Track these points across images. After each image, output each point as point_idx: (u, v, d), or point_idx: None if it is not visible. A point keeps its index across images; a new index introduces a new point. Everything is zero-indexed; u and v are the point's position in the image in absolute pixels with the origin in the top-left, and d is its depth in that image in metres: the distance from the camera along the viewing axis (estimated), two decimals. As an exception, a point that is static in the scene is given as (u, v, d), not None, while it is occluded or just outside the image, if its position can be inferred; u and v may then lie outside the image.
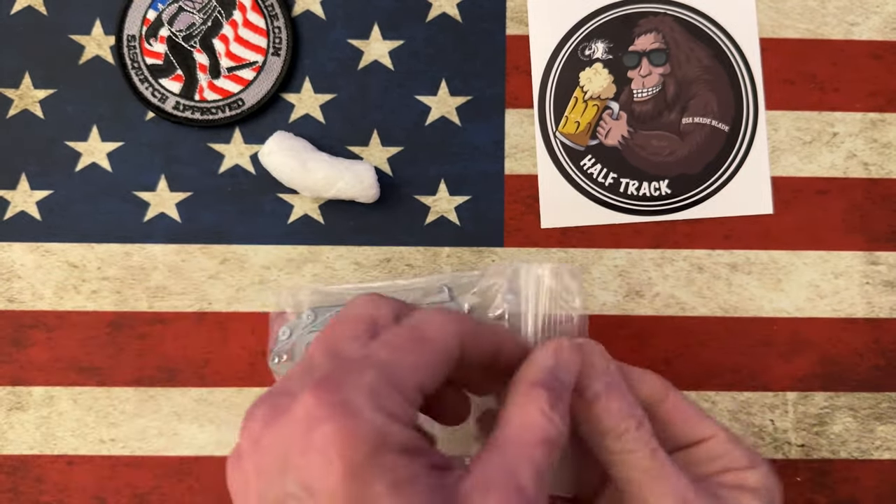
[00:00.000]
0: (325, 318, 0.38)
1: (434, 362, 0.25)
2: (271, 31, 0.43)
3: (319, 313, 0.39)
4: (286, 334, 0.39)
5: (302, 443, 0.22)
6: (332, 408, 0.22)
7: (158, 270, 0.43)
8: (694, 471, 0.29)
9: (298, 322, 0.39)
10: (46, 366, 0.42)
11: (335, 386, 0.23)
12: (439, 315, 0.26)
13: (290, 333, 0.39)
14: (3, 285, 0.43)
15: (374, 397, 0.22)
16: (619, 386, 0.28)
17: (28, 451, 0.42)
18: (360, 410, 0.22)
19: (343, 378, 0.23)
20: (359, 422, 0.22)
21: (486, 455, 0.24)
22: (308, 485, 0.22)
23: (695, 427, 0.30)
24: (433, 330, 0.25)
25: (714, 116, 0.43)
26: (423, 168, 0.43)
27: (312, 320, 0.39)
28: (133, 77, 0.43)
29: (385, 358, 0.24)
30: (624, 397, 0.28)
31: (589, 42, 0.44)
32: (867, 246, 0.43)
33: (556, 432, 0.25)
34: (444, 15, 0.44)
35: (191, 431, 0.42)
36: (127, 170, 0.43)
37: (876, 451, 0.43)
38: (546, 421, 0.25)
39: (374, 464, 0.21)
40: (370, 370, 0.23)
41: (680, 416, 0.30)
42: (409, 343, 0.25)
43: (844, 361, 0.43)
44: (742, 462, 0.29)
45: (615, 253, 0.43)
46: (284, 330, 0.39)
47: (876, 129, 0.44)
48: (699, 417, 0.30)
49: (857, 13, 0.44)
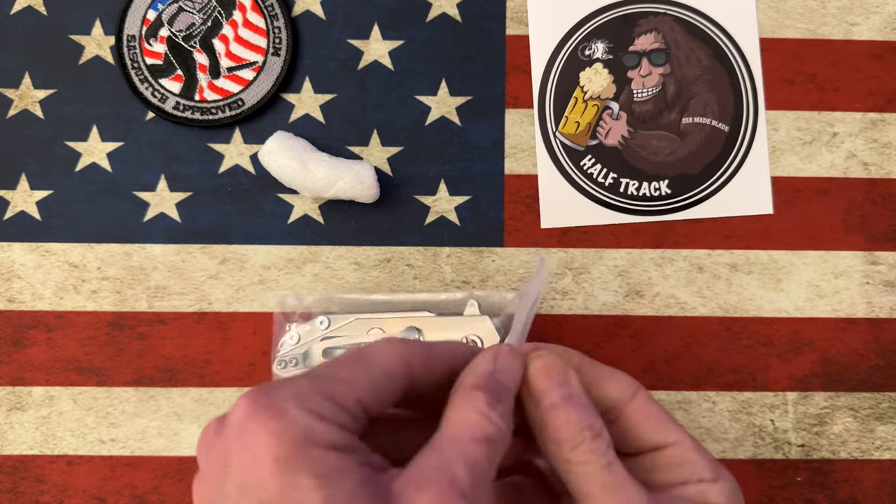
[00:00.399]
0: (339, 325, 0.38)
1: (374, 380, 0.26)
2: (271, 32, 0.43)
3: (334, 320, 0.39)
4: (294, 339, 0.39)
5: (236, 444, 0.23)
6: (260, 409, 0.23)
7: (158, 270, 0.43)
8: (654, 477, 0.29)
9: (310, 327, 0.39)
10: (46, 366, 0.42)
11: (265, 392, 0.24)
12: (384, 342, 0.28)
13: (298, 338, 0.39)
14: (3, 285, 0.43)
15: (300, 400, 0.24)
16: (578, 396, 0.28)
17: (28, 451, 0.42)
18: (285, 410, 0.23)
19: (275, 386, 0.25)
20: (284, 420, 0.23)
21: (423, 454, 0.25)
22: (242, 482, 0.23)
23: (659, 431, 0.29)
24: (374, 353, 0.27)
25: (714, 116, 0.44)
26: (423, 168, 0.43)
27: (327, 326, 0.39)
28: (133, 77, 0.43)
29: (320, 372, 0.26)
30: (581, 408, 0.27)
31: (589, 42, 0.44)
32: (867, 246, 0.43)
33: (493, 430, 0.25)
34: (444, 15, 0.44)
35: (191, 431, 0.42)
36: (127, 170, 0.43)
37: (876, 450, 0.43)
38: (483, 419, 0.25)
39: (301, 457, 0.22)
40: (302, 380, 0.25)
41: (645, 418, 0.29)
42: (347, 361, 0.26)
43: (844, 361, 0.43)
44: (705, 474, 0.28)
45: (615, 253, 0.43)
46: (292, 335, 0.39)
47: (876, 129, 0.44)
48: (665, 422, 0.29)
49: (857, 13, 0.44)
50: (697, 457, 0.29)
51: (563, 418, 0.27)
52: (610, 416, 0.29)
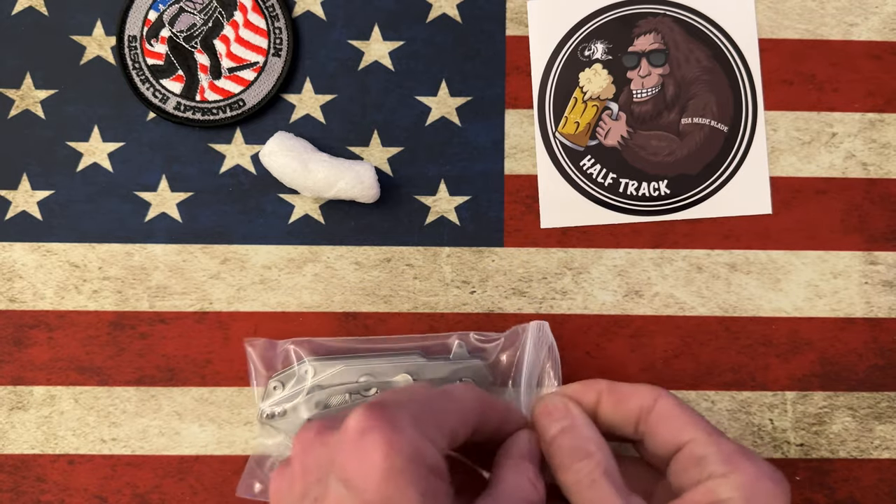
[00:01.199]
0: (327, 373, 0.38)
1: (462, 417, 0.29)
2: (272, 32, 0.43)
3: (319, 369, 0.38)
4: (279, 390, 0.38)
5: (350, 447, 0.25)
6: (380, 421, 0.25)
7: (159, 270, 0.43)
8: (681, 481, 0.29)
9: (297, 375, 0.38)
10: (47, 365, 0.42)
11: (384, 406, 0.26)
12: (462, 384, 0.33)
13: (283, 388, 0.39)
14: (5, 285, 0.43)
15: (415, 420, 0.26)
16: (573, 427, 0.31)
17: (29, 450, 0.42)
18: (403, 427, 0.25)
19: (390, 403, 0.27)
20: (402, 435, 0.25)
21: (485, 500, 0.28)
22: (350, 481, 0.25)
23: (675, 432, 0.30)
24: (460, 393, 0.30)
25: (713, 117, 0.44)
26: (423, 168, 0.43)
27: (313, 375, 0.38)
28: (134, 77, 0.43)
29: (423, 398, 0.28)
30: (575, 435, 0.30)
31: (588, 43, 0.44)
32: (866, 246, 0.43)
33: (537, 497, 0.29)
34: (444, 15, 0.44)
35: (192, 431, 0.42)
36: (128, 170, 0.43)
37: (875, 450, 0.43)
38: (531, 488, 0.29)
39: (411, 472, 0.24)
40: (413, 403, 0.27)
41: (663, 423, 0.30)
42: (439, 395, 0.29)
43: (843, 361, 0.43)
44: (716, 468, 0.28)
45: (615, 253, 0.43)
46: (275, 384, 0.39)
47: (875, 130, 0.44)
48: (681, 421, 0.30)
49: (856, 14, 0.44)
50: (710, 451, 0.28)
51: (556, 445, 0.30)
52: (640, 428, 0.31)
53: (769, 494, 0.27)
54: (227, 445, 0.42)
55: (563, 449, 0.30)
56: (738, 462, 0.28)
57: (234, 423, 0.42)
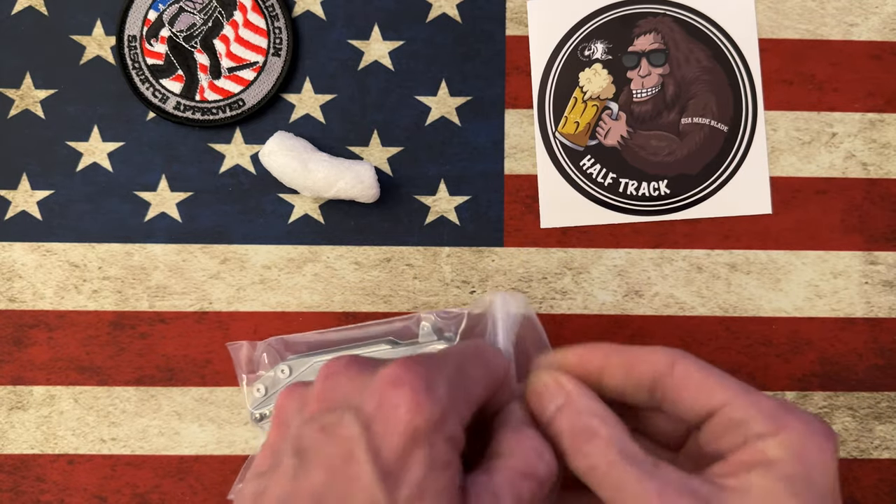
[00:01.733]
0: (301, 371, 0.38)
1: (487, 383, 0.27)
2: (272, 32, 0.43)
3: (295, 367, 0.38)
4: (262, 392, 0.39)
5: (379, 393, 0.24)
6: (416, 378, 0.24)
7: (159, 270, 0.43)
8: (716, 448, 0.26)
9: (274, 377, 0.39)
10: (47, 365, 0.42)
11: (423, 365, 0.25)
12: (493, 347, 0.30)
13: (265, 391, 0.39)
14: (4, 285, 0.43)
15: (448, 385, 0.25)
16: (570, 404, 0.27)
17: (29, 450, 0.42)
18: (436, 390, 0.24)
19: (431, 364, 0.25)
20: (433, 396, 0.24)
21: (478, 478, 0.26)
22: (367, 424, 0.24)
23: (704, 396, 0.26)
24: (491, 355, 0.28)
25: (713, 117, 0.44)
26: (423, 168, 0.43)
27: (288, 375, 0.38)
28: (134, 77, 0.43)
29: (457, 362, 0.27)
30: (573, 413, 0.27)
31: (588, 42, 0.44)
32: (866, 246, 0.43)
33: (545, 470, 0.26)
34: (444, 15, 0.44)
35: (191, 431, 0.42)
36: (128, 170, 0.43)
37: (875, 450, 0.43)
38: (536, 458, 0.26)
39: (430, 437, 0.23)
40: (450, 367, 0.26)
41: (685, 388, 0.27)
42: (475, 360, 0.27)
43: (843, 361, 0.43)
44: (761, 427, 0.25)
45: (614, 253, 0.43)
46: (259, 387, 0.39)
47: (875, 130, 0.44)
48: (709, 384, 0.26)
49: (856, 14, 0.44)
50: (751, 412, 0.25)
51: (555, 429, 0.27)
52: (656, 395, 0.28)
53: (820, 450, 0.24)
54: (227, 445, 0.42)
55: (565, 432, 0.26)
56: (784, 419, 0.25)
57: (234, 423, 0.42)
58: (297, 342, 0.40)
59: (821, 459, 0.24)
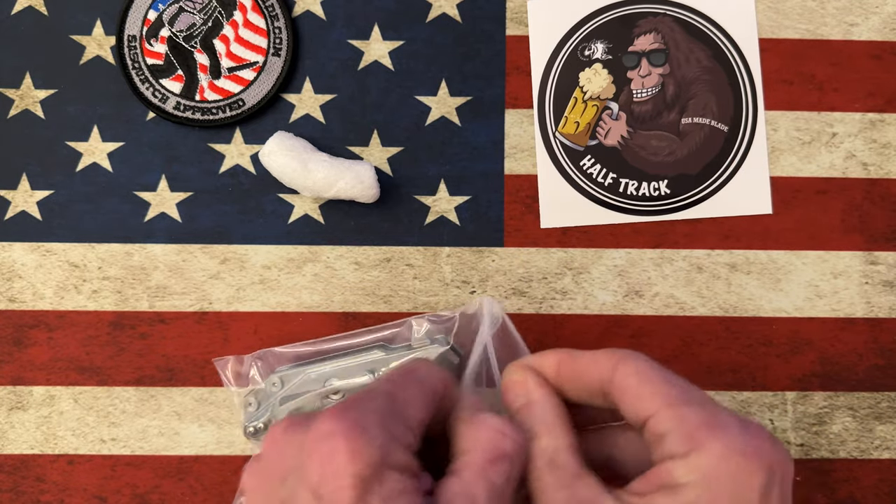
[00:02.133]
0: (293, 382, 0.38)
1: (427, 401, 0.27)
2: (272, 32, 0.43)
3: (286, 379, 0.38)
4: (254, 406, 0.39)
5: (317, 453, 0.24)
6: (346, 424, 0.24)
7: (159, 270, 0.43)
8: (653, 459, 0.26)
9: (264, 391, 0.39)
10: (47, 365, 0.42)
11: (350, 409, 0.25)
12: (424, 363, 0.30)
13: (258, 404, 0.39)
14: (4, 285, 0.43)
15: (382, 420, 0.25)
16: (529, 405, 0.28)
17: (29, 450, 0.42)
18: (369, 429, 0.25)
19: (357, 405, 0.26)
20: (367, 438, 0.24)
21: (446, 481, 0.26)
22: (317, 488, 0.24)
23: (637, 405, 0.26)
24: (422, 371, 0.29)
25: (713, 117, 0.44)
26: (423, 168, 0.43)
27: (280, 387, 0.38)
28: (134, 77, 0.43)
29: (386, 390, 0.27)
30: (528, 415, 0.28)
31: (588, 42, 0.44)
32: (866, 246, 0.43)
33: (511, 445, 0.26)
34: (444, 15, 0.44)
35: (191, 431, 0.42)
36: (128, 170, 0.43)
37: (875, 450, 0.43)
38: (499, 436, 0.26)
39: (376, 478, 0.24)
40: (379, 398, 0.26)
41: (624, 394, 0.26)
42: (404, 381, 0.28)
43: (843, 361, 0.43)
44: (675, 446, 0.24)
45: (615, 253, 0.43)
46: (250, 401, 0.39)
47: (875, 130, 0.44)
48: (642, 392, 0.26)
49: (857, 13, 0.44)
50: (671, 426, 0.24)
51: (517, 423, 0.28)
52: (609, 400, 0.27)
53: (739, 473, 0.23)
54: (227, 445, 0.42)
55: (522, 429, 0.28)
56: (702, 438, 0.24)
57: (234, 424, 0.42)
58: (286, 353, 0.40)
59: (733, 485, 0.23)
